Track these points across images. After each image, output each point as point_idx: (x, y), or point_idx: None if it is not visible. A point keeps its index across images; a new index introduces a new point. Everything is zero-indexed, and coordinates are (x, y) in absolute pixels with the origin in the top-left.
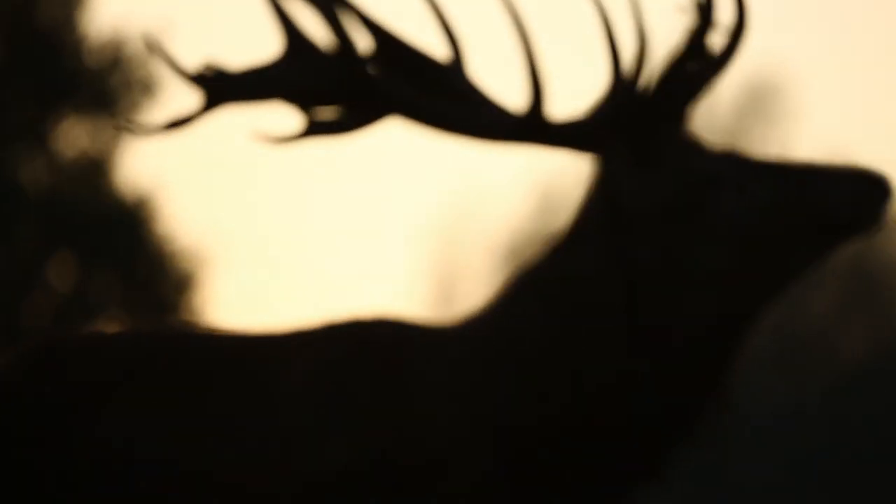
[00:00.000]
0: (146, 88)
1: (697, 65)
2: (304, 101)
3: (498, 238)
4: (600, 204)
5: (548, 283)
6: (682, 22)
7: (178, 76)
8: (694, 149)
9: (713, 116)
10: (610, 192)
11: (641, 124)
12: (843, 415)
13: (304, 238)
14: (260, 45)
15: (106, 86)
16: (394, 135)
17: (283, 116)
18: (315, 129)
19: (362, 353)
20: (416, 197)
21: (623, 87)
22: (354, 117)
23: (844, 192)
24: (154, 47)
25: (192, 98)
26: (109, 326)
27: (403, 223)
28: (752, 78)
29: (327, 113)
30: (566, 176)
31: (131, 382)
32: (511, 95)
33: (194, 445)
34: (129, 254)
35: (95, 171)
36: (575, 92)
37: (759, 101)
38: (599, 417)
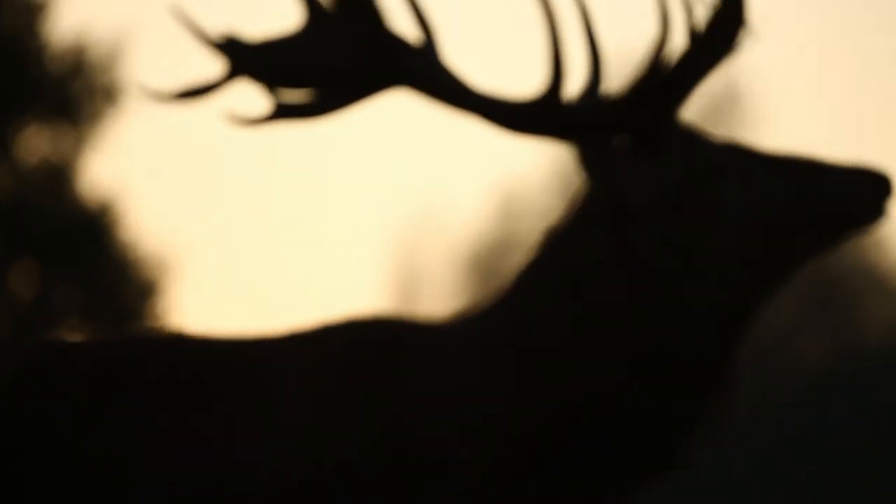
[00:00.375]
0: (108, 95)
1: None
2: (324, 75)
3: (460, 243)
4: (602, 195)
5: (551, 277)
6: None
7: (203, 44)
8: (698, 139)
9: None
10: (612, 183)
11: (651, 113)
12: (807, 418)
13: (266, 244)
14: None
15: (68, 93)
16: (354, 142)
17: (253, 99)
18: (285, 112)
19: (361, 350)
20: (378, 203)
21: (646, 73)
22: (325, 101)
23: (848, 186)
24: (179, 15)
25: (212, 67)
26: (73, 334)
27: (365, 230)
28: (714, 84)
29: (297, 95)
30: (528, 180)
31: (129, 387)
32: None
33: (194, 446)
34: (92, 261)
35: (58, 178)
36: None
37: (721, 108)
38: (604, 412)
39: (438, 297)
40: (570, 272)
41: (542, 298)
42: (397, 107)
